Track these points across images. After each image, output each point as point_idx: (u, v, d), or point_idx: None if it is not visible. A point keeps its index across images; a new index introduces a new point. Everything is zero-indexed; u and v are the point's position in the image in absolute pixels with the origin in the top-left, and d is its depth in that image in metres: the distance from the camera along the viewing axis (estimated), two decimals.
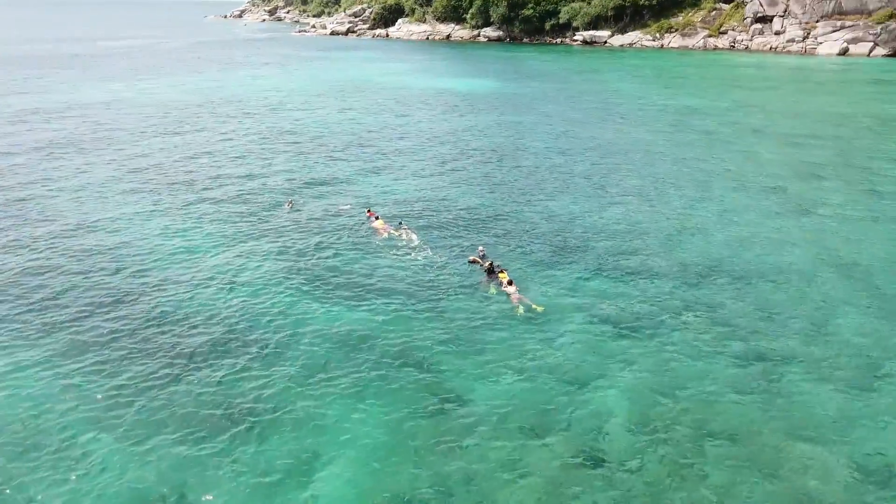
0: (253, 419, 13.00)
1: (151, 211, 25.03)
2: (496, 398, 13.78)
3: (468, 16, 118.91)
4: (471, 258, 20.45)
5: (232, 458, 11.93)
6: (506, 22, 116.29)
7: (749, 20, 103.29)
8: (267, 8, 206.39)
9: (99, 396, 13.66)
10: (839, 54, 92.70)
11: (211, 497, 11.09)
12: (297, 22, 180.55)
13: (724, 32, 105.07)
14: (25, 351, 15.32)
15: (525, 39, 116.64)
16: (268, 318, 16.96)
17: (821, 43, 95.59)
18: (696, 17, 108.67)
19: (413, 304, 17.76)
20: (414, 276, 19.60)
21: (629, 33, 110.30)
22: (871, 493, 11.27)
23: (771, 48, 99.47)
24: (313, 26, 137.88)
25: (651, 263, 20.58)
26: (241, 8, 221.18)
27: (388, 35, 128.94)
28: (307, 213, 25.09)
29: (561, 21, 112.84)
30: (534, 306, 17.58)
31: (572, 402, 13.66)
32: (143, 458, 11.89)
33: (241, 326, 16.57)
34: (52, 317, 16.90)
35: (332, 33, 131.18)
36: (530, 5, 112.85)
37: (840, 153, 35.22)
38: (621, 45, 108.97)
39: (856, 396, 13.90)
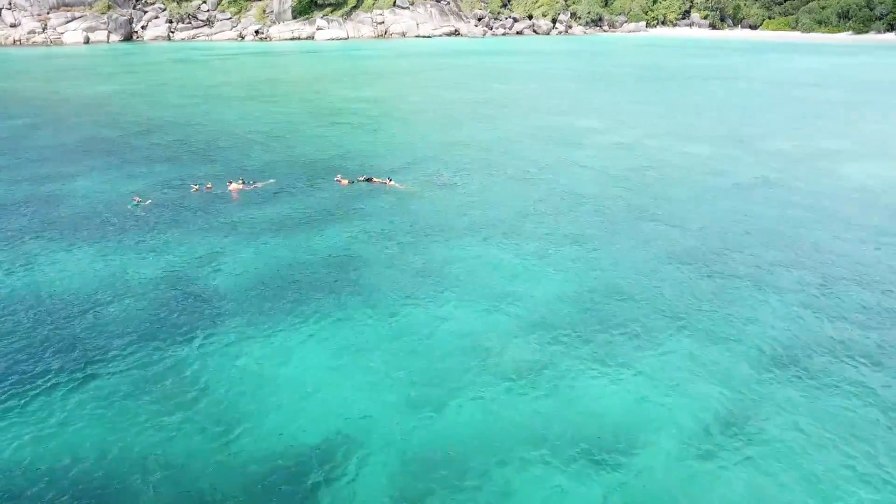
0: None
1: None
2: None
3: None
4: (341, 182, 30.61)
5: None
6: None
7: None
8: None
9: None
10: (84, 42, 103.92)
11: None
12: None
13: None
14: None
15: None
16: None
17: (62, 33, 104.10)
18: None
19: (339, 221, 27.44)
20: (312, 206, 28.63)
21: None
22: None
23: (15, 41, 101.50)
24: None
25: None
26: None
27: None
28: (158, 203, 27.66)
29: None
30: (412, 188, 30.80)
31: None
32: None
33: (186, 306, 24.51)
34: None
35: None
36: None
37: (306, 104, 53.26)
38: None
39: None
